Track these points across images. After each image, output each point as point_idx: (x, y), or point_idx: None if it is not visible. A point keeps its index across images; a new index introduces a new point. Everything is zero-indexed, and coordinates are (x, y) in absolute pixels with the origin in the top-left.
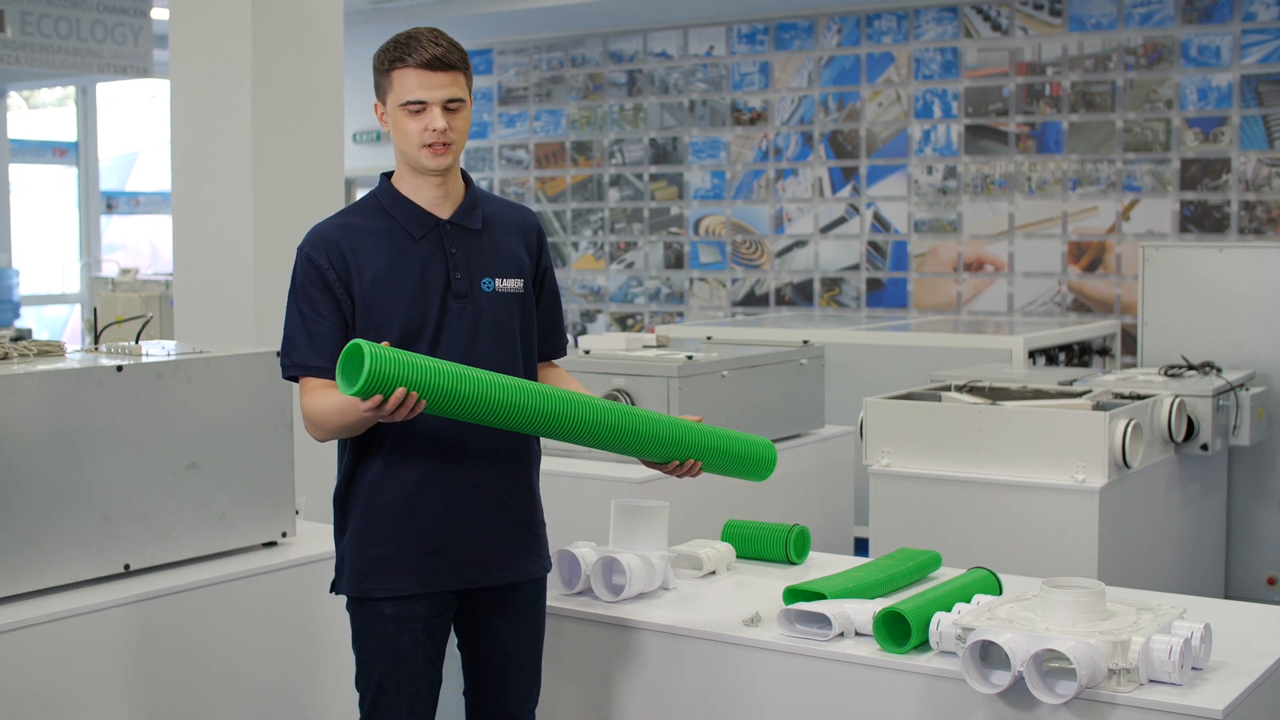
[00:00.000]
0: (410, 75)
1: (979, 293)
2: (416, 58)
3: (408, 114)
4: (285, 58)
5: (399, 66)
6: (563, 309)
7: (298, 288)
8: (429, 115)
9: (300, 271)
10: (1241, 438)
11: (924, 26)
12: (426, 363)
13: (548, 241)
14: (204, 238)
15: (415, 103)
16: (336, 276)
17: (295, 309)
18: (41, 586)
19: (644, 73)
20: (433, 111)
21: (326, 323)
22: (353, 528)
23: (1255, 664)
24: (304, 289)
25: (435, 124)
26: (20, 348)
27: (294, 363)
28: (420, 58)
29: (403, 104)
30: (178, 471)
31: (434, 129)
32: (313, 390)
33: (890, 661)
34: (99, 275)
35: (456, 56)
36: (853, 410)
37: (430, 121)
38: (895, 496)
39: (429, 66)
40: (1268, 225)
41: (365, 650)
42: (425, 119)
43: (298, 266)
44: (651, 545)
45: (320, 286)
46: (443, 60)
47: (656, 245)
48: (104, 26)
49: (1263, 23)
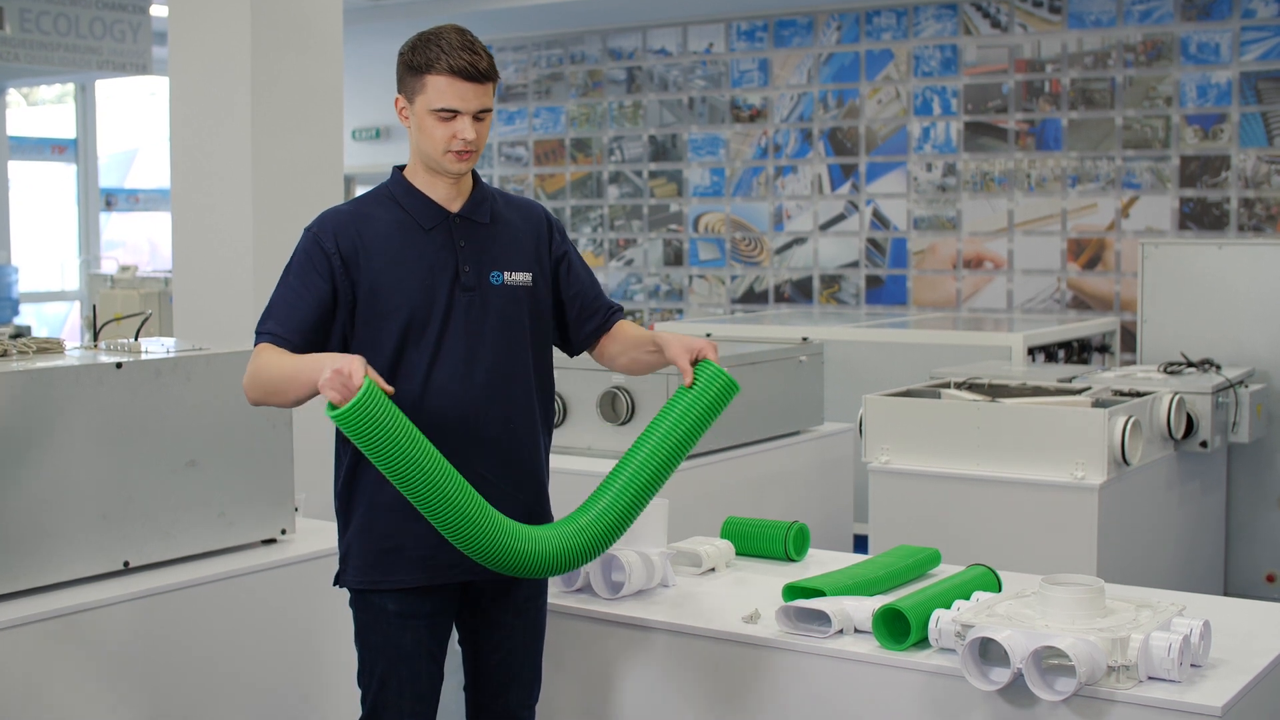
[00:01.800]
0: (444, 83)
1: (978, 290)
2: (454, 66)
3: (437, 119)
4: (285, 55)
5: (434, 72)
6: (596, 279)
7: (293, 263)
8: (459, 124)
9: (301, 249)
10: (1241, 435)
11: (923, 24)
12: (403, 431)
13: (561, 228)
14: (203, 235)
15: (447, 111)
16: (342, 261)
17: (284, 282)
18: (41, 584)
19: (643, 70)
20: (464, 121)
21: (305, 302)
22: (357, 522)
23: (1254, 661)
24: (299, 266)
25: (466, 134)
26: (19, 345)
27: (264, 330)
28: (457, 66)
29: (434, 109)
30: (177, 469)
31: (464, 138)
32: (266, 349)
33: (889, 659)
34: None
35: (489, 65)
36: (852, 407)
37: (460, 130)
38: (894, 494)
39: (465, 76)
40: (1267, 222)
41: (367, 646)
42: (455, 127)
43: (301, 245)
44: (651, 542)
45: (317, 268)
46: (479, 71)
47: (656, 242)
48: (103, 23)
49: (1262, 20)
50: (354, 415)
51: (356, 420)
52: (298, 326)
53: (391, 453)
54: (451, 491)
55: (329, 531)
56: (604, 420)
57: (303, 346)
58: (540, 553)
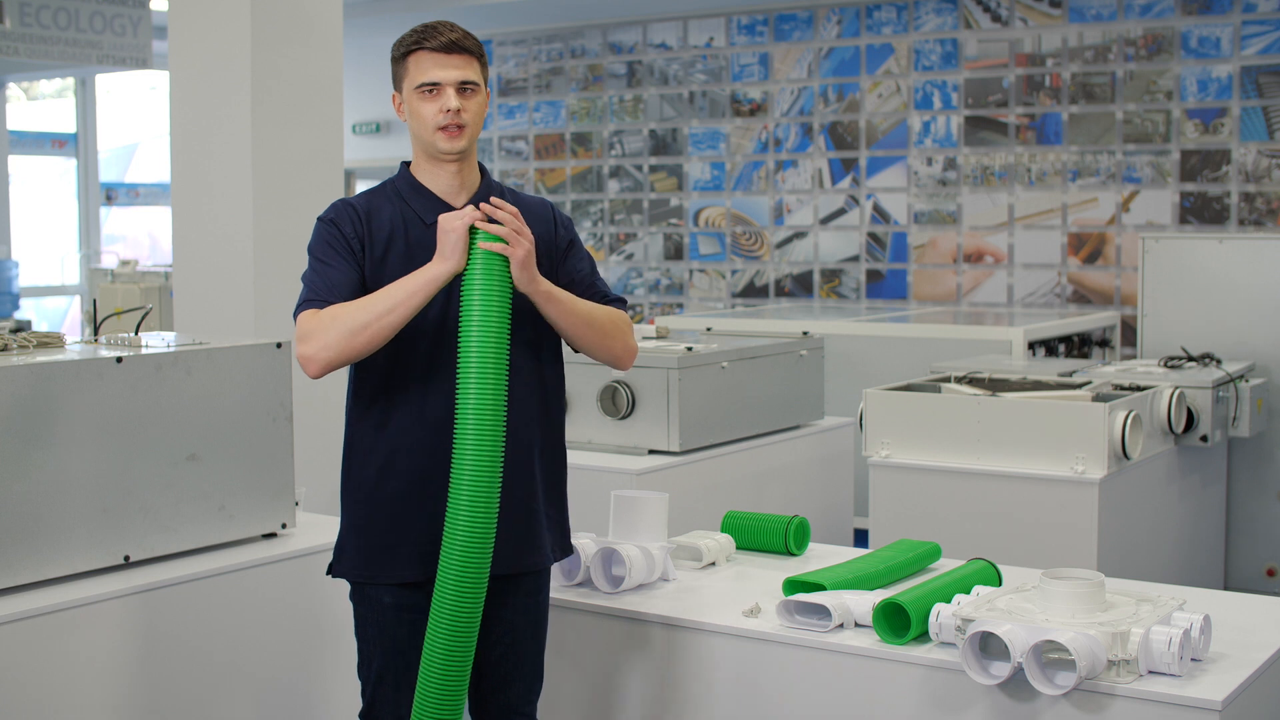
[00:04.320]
0: (425, 58)
1: (978, 284)
2: (431, 43)
3: (422, 97)
4: (285, 49)
5: (415, 51)
6: (595, 268)
7: (315, 247)
8: (443, 96)
9: (319, 233)
10: (1241, 429)
11: (924, 17)
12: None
13: (566, 220)
14: (203, 229)
15: (429, 84)
16: (357, 239)
17: (312, 266)
18: (41, 578)
19: (643, 64)
20: (447, 93)
21: (342, 274)
22: (354, 515)
23: (1254, 655)
24: (320, 247)
25: (449, 104)
26: (20, 339)
27: (307, 299)
28: (435, 42)
29: (418, 86)
30: (177, 463)
31: (448, 109)
32: (307, 314)
33: (890, 653)
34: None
35: (471, 43)
36: (852, 401)
37: (445, 102)
38: (895, 488)
39: (444, 49)
40: (1268, 217)
41: (366, 639)
42: (440, 100)
43: (317, 232)
44: (651, 536)
45: (340, 249)
46: (457, 44)
47: (656, 236)
48: (103, 17)
49: (1263, 14)
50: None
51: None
52: (337, 291)
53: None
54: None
55: (329, 526)
56: (604, 414)
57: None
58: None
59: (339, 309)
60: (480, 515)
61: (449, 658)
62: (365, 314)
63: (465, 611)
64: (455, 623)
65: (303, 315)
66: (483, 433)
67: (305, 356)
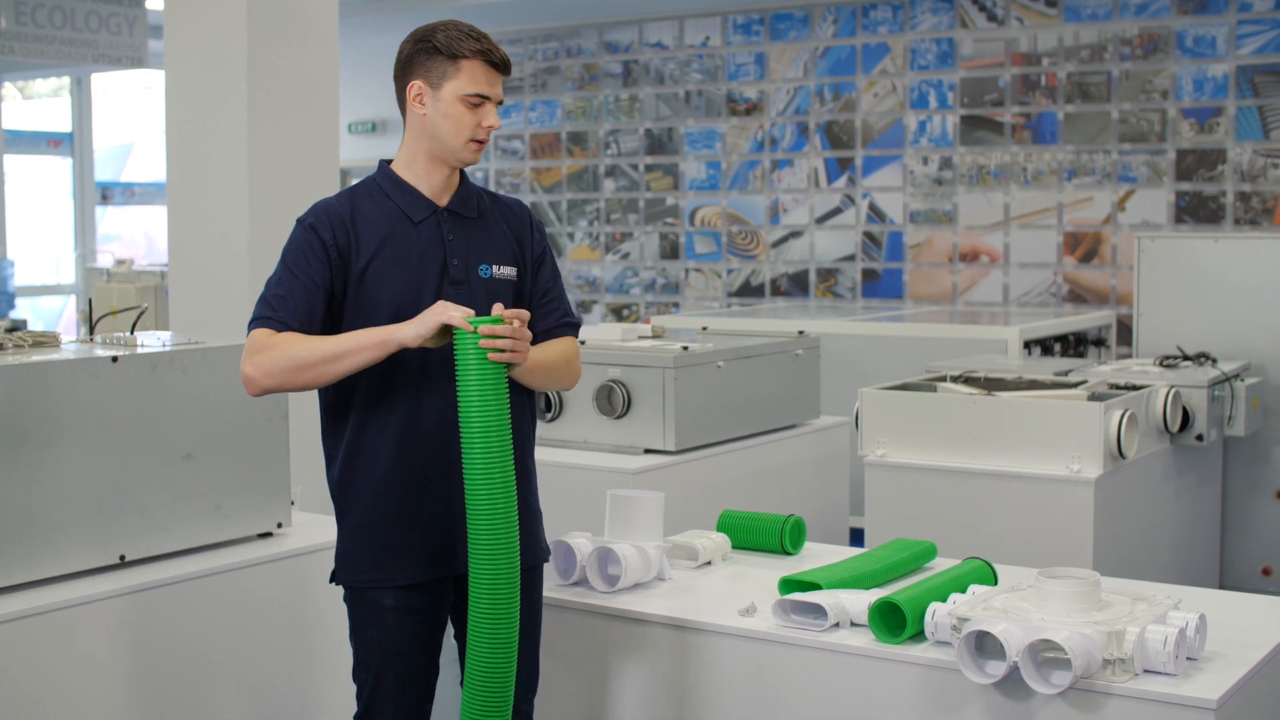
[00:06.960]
0: (481, 71)
1: (974, 283)
2: (492, 56)
3: (467, 105)
4: (281, 48)
5: (473, 58)
6: (562, 286)
7: (289, 252)
8: (485, 112)
9: (296, 238)
10: (1237, 428)
11: (920, 17)
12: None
13: (542, 228)
14: (199, 228)
15: (479, 96)
16: (337, 249)
17: (279, 270)
18: (36, 578)
19: (639, 63)
20: (489, 109)
21: (305, 289)
22: (351, 519)
23: (1250, 654)
24: (296, 255)
25: (491, 121)
26: (15, 339)
27: (262, 316)
28: (494, 56)
29: (466, 94)
30: (173, 462)
31: (487, 125)
32: (262, 333)
33: (885, 652)
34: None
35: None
36: (848, 401)
37: (486, 118)
38: (891, 487)
39: (498, 66)
40: (1263, 216)
41: (363, 642)
42: (482, 115)
43: (295, 235)
44: (647, 536)
45: (315, 257)
46: (507, 65)
47: (652, 236)
48: (99, 17)
49: (1259, 13)
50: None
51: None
52: (295, 313)
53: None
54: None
55: (325, 525)
56: (600, 414)
57: (300, 332)
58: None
59: (291, 341)
60: (500, 507)
61: (495, 656)
62: (313, 355)
63: (505, 604)
64: (497, 619)
65: (257, 331)
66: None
67: (247, 377)
